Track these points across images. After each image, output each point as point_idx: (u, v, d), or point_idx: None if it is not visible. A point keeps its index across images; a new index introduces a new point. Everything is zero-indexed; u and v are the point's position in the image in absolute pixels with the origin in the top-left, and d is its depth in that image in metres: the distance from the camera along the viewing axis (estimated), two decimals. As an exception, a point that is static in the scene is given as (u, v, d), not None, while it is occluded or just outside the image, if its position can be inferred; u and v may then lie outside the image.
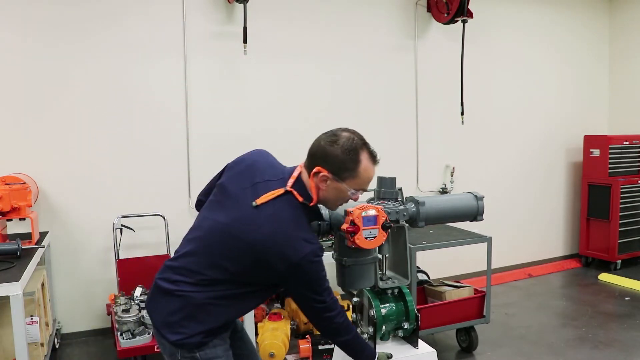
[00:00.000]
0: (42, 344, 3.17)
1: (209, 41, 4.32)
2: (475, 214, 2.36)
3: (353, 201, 1.92)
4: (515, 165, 5.76)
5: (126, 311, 3.39)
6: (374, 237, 1.97)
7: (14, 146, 3.84)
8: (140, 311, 3.42)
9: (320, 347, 3.45)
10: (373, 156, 1.84)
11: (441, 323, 3.68)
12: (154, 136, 4.21)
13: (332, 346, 2.77)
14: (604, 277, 5.47)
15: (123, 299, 3.58)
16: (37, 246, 3.23)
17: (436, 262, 4.76)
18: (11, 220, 3.35)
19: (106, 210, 4.05)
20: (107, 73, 4.05)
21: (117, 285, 3.91)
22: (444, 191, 5.30)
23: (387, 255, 2.27)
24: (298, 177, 1.84)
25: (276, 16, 4.52)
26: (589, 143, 5.75)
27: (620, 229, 5.56)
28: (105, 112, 4.07)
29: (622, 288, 5.17)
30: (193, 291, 1.78)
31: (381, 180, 2.27)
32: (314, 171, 1.80)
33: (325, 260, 1.81)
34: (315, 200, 1.84)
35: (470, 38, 4.95)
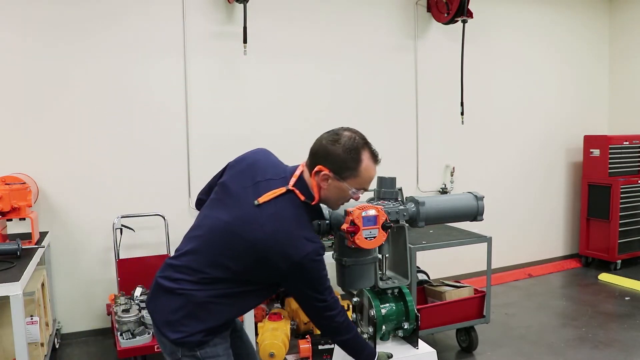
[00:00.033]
0: (42, 344, 3.17)
1: (209, 41, 4.32)
2: (475, 214, 2.36)
3: (354, 200, 1.92)
4: (515, 165, 5.76)
5: (126, 311, 3.39)
6: (374, 237, 1.96)
7: (14, 146, 3.84)
8: (140, 311, 3.42)
9: (320, 347, 3.44)
10: (374, 156, 1.84)
11: (441, 323, 3.68)
12: (154, 136, 4.21)
13: (332, 346, 2.76)
14: (604, 277, 5.47)
15: (123, 299, 3.58)
16: (37, 246, 3.23)
17: (436, 262, 4.76)
18: (11, 220, 3.35)
19: (106, 210, 4.05)
20: (107, 73, 4.05)
21: (117, 285, 3.91)
22: (444, 191, 5.30)
23: (387, 255, 2.27)
24: (300, 176, 1.84)
25: (276, 16, 4.53)
26: (589, 143, 5.75)
27: (620, 229, 5.56)
28: (105, 112, 4.07)
29: (622, 288, 5.17)
30: (194, 289, 1.77)
31: (381, 180, 2.27)
32: (315, 170, 1.80)
33: (325, 260, 1.80)
34: (317, 199, 1.84)
35: (470, 38, 4.95)
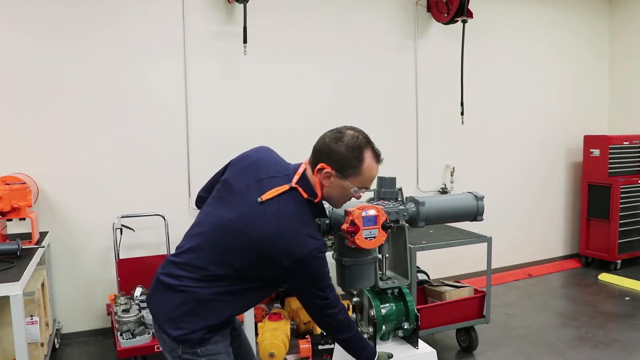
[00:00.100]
0: (42, 344, 3.17)
1: (209, 41, 4.32)
2: (475, 214, 2.36)
3: (356, 199, 1.92)
4: (515, 165, 5.76)
5: (126, 311, 3.39)
6: (374, 237, 1.97)
7: (14, 146, 3.84)
8: (140, 311, 3.42)
9: (320, 347, 3.44)
10: (377, 155, 1.85)
11: (441, 323, 3.68)
12: (154, 136, 4.21)
13: (332, 346, 2.76)
14: (604, 277, 5.47)
15: (123, 299, 3.58)
16: (37, 246, 3.23)
17: (436, 262, 4.76)
18: (11, 220, 3.35)
19: (106, 210, 4.05)
20: (107, 73, 4.05)
21: (117, 285, 3.91)
22: (444, 191, 5.30)
23: (387, 255, 2.27)
24: (303, 174, 1.85)
25: (276, 16, 4.53)
26: (589, 143, 5.75)
27: (620, 229, 5.56)
28: (105, 112, 4.07)
29: (622, 288, 5.17)
30: (196, 287, 1.78)
31: (381, 180, 2.27)
32: (318, 167, 1.81)
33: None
34: (319, 196, 1.84)
35: (470, 38, 4.95)
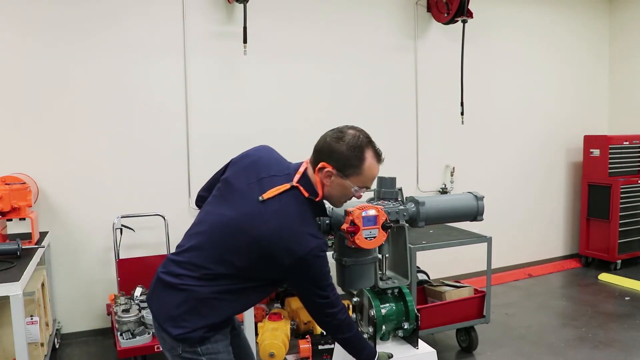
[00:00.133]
0: (42, 344, 3.17)
1: (209, 41, 4.32)
2: (475, 214, 2.36)
3: (357, 199, 1.92)
4: (515, 165, 5.76)
5: (126, 311, 3.39)
6: (374, 237, 1.97)
7: (14, 146, 3.84)
8: (140, 311, 3.42)
9: (320, 347, 3.45)
10: (378, 155, 1.85)
11: (441, 323, 3.68)
12: (154, 136, 4.21)
13: (332, 346, 2.77)
14: (604, 277, 5.47)
15: (123, 299, 3.58)
16: (37, 246, 3.23)
17: (436, 262, 4.76)
18: (11, 220, 3.35)
19: (106, 210, 4.05)
20: (107, 73, 4.05)
21: (117, 285, 3.91)
22: (444, 191, 5.30)
23: (387, 255, 2.27)
24: (304, 173, 1.85)
25: (276, 16, 4.53)
26: (589, 143, 5.75)
27: (620, 229, 5.56)
28: (105, 112, 4.07)
29: (622, 288, 5.17)
30: (197, 285, 1.78)
31: (381, 180, 2.27)
32: (319, 166, 1.81)
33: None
34: (320, 195, 1.85)
35: (470, 38, 4.95)
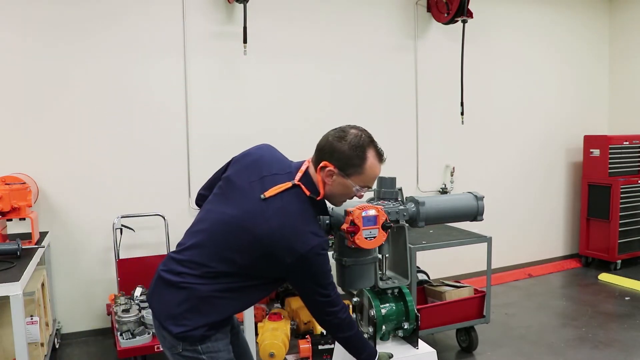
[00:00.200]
0: (42, 344, 3.17)
1: (209, 41, 4.32)
2: (475, 214, 2.36)
3: (358, 198, 1.92)
4: (515, 165, 5.76)
5: (126, 311, 3.39)
6: (374, 237, 1.97)
7: (14, 146, 3.84)
8: (140, 311, 3.42)
9: (320, 347, 3.45)
10: (379, 154, 1.86)
11: (441, 323, 3.67)
12: (154, 136, 4.21)
13: (332, 346, 2.76)
14: (604, 277, 5.47)
15: (123, 299, 3.58)
16: (37, 246, 3.23)
17: (436, 262, 4.76)
18: (11, 220, 3.35)
19: (106, 210, 4.05)
20: (107, 73, 4.05)
21: (117, 285, 3.91)
22: (444, 191, 5.30)
23: (387, 255, 2.27)
24: (305, 172, 1.85)
25: (276, 16, 4.53)
26: (589, 143, 5.75)
27: (620, 229, 5.56)
28: (105, 112, 4.07)
29: (622, 288, 5.17)
30: (198, 283, 1.78)
31: (381, 180, 2.27)
32: (321, 165, 1.82)
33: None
34: (322, 194, 1.85)
35: (470, 38, 4.95)
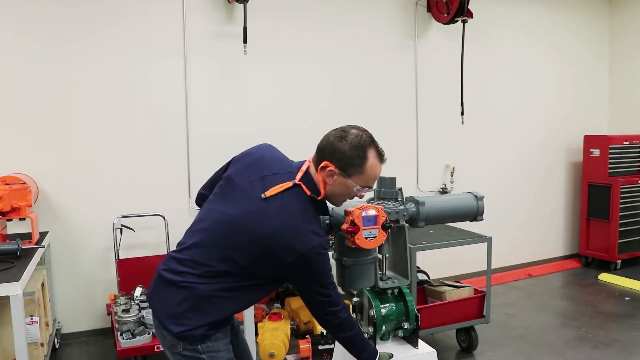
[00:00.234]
0: (42, 344, 3.17)
1: (209, 41, 4.32)
2: (475, 214, 2.36)
3: (358, 198, 1.92)
4: (515, 165, 5.76)
5: (126, 311, 3.39)
6: (374, 237, 1.97)
7: (14, 146, 3.84)
8: (140, 311, 3.42)
9: (320, 347, 3.45)
10: (380, 154, 1.86)
11: (441, 323, 3.67)
12: (154, 136, 4.21)
13: (332, 346, 2.76)
14: (604, 277, 5.47)
15: (123, 299, 3.58)
16: (37, 246, 3.23)
17: (436, 262, 4.76)
18: (11, 220, 3.35)
19: (106, 210, 4.05)
20: (107, 73, 4.05)
21: (117, 285, 3.91)
22: (444, 191, 5.30)
23: (387, 255, 2.27)
24: (306, 171, 1.86)
25: (276, 16, 4.53)
26: (589, 143, 5.75)
27: (620, 229, 5.56)
28: (105, 112, 4.07)
29: (622, 288, 5.17)
30: (198, 283, 1.78)
31: (381, 180, 2.27)
32: (322, 165, 1.82)
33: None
34: (322, 194, 1.85)
35: (470, 38, 4.95)
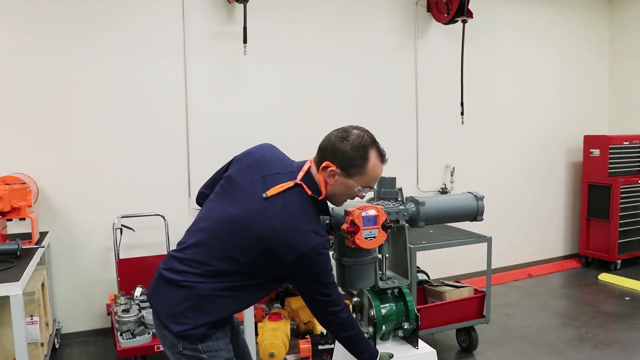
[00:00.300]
0: (42, 344, 3.17)
1: (209, 41, 4.32)
2: (475, 214, 2.36)
3: (359, 199, 1.93)
4: (515, 165, 5.76)
5: (126, 311, 3.39)
6: (374, 237, 1.97)
7: (14, 146, 3.84)
8: (140, 311, 3.42)
9: (320, 347, 3.45)
10: (382, 155, 1.87)
11: (441, 323, 3.68)
12: (154, 136, 4.21)
13: (332, 346, 2.77)
14: (604, 277, 5.47)
15: (123, 299, 3.58)
16: (37, 246, 3.23)
17: (436, 262, 4.76)
18: (11, 220, 3.35)
19: (106, 210, 4.05)
20: (107, 73, 4.05)
21: (117, 285, 3.91)
22: (444, 191, 5.30)
23: (387, 255, 2.27)
24: (307, 171, 1.86)
25: (276, 16, 4.53)
26: (589, 143, 5.75)
27: (620, 229, 5.56)
28: (105, 112, 4.07)
29: (622, 288, 5.17)
30: (199, 282, 1.78)
31: (381, 180, 2.27)
32: (323, 165, 1.82)
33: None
34: (323, 194, 1.85)
35: (470, 38, 4.95)
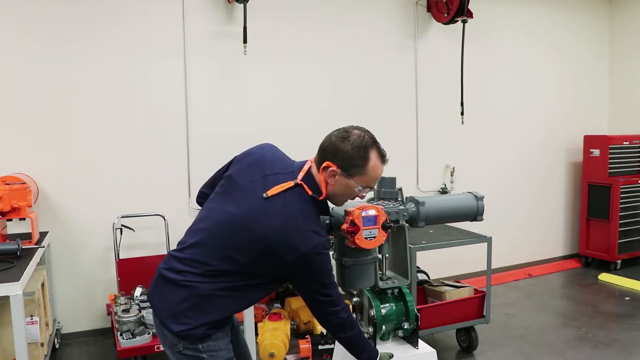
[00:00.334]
0: (42, 344, 3.17)
1: (209, 41, 4.32)
2: (475, 214, 2.36)
3: (360, 199, 1.93)
4: (515, 165, 5.76)
5: (126, 311, 3.39)
6: (374, 237, 1.97)
7: (14, 146, 3.84)
8: (140, 311, 3.42)
9: (320, 347, 3.45)
10: (382, 155, 1.87)
11: (441, 323, 3.68)
12: (154, 136, 4.21)
13: (332, 346, 2.77)
14: (604, 277, 5.47)
15: (123, 299, 3.58)
16: (37, 246, 3.23)
17: (436, 262, 4.76)
18: (11, 220, 3.35)
19: (106, 210, 4.05)
20: (107, 73, 4.05)
21: (117, 285, 3.91)
22: (444, 191, 5.30)
23: (387, 255, 2.27)
24: (308, 171, 1.86)
25: (276, 16, 4.53)
26: (589, 143, 5.75)
27: (620, 229, 5.56)
28: (105, 112, 4.07)
29: (622, 288, 5.17)
30: (199, 282, 1.78)
31: (381, 180, 2.27)
32: (323, 165, 1.83)
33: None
34: (324, 194, 1.85)
35: (470, 38, 4.95)
